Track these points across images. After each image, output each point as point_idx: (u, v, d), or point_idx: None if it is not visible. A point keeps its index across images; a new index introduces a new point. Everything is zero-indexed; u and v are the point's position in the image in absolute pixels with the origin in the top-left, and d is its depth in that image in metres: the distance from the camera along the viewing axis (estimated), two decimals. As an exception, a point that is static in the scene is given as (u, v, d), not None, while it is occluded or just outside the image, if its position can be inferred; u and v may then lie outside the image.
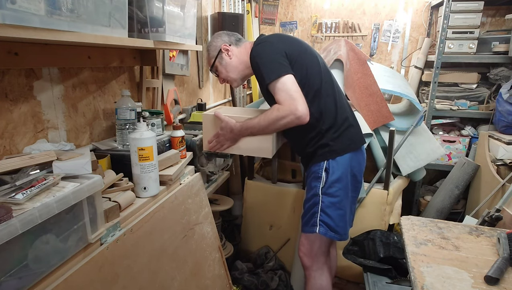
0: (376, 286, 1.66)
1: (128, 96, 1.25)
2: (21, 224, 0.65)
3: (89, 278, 0.84)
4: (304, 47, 1.40)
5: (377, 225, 1.98)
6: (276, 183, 2.20)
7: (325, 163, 1.38)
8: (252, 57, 1.35)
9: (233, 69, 1.47)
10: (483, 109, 2.64)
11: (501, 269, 0.98)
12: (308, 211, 1.42)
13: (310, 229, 1.39)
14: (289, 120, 1.26)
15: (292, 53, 1.32)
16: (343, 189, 1.39)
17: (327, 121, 1.37)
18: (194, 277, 1.32)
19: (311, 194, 1.41)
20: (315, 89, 1.35)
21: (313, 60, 1.39)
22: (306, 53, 1.38)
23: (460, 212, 2.69)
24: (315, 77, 1.36)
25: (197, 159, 1.57)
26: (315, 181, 1.40)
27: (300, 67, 1.32)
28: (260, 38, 1.41)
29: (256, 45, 1.36)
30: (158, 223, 1.14)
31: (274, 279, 1.97)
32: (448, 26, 2.54)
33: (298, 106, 1.23)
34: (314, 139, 1.40)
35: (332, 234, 1.38)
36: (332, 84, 1.42)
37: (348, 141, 1.41)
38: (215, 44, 1.47)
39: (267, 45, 1.33)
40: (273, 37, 1.39)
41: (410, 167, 2.14)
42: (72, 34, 0.82)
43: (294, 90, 1.25)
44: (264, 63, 1.29)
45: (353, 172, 1.41)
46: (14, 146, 0.98)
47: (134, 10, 1.14)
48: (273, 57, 1.29)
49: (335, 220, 1.37)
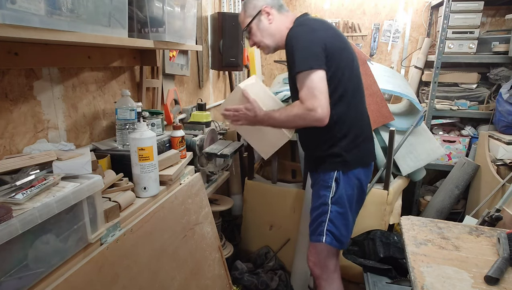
0: (376, 286, 1.66)
1: (128, 96, 1.25)
2: (21, 224, 0.65)
3: (89, 278, 0.84)
4: (345, 43, 1.32)
5: (377, 225, 1.98)
6: (276, 183, 2.19)
7: (335, 173, 1.35)
8: (289, 37, 1.26)
9: (269, 36, 1.37)
10: (483, 109, 2.64)
11: (501, 269, 0.97)
12: (316, 219, 1.39)
13: (317, 238, 1.37)
14: (307, 121, 1.21)
15: (332, 47, 1.23)
16: (350, 201, 1.37)
17: (344, 128, 1.32)
18: (194, 277, 1.32)
19: (320, 202, 1.38)
20: (341, 91, 1.28)
21: (350, 61, 1.32)
22: (345, 51, 1.30)
23: (460, 212, 2.68)
24: (346, 79, 1.29)
25: (197, 159, 1.57)
26: (324, 190, 1.37)
27: (334, 64, 1.24)
28: (303, 18, 1.33)
29: (298, 26, 1.28)
30: (158, 223, 1.14)
31: (274, 279, 1.97)
32: (448, 26, 2.54)
33: (318, 108, 1.17)
34: (327, 144, 1.35)
35: (337, 244, 1.37)
36: (359, 91, 1.37)
37: (361, 156, 1.37)
38: (255, 3, 1.36)
39: (309, 31, 1.24)
40: (317, 23, 1.29)
41: (410, 167, 2.14)
42: (72, 34, 0.81)
43: (319, 89, 1.17)
44: (299, 48, 1.20)
45: (361, 185, 1.39)
46: (14, 146, 0.98)
47: (134, 10, 1.14)
48: (310, 46, 1.20)
49: (341, 230, 1.36)
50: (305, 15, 1.37)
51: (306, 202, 2.04)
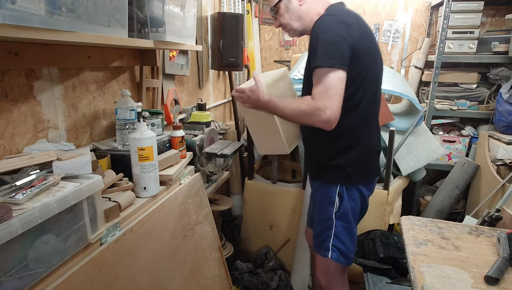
0: (376, 286, 1.66)
1: (128, 96, 1.25)
2: (21, 224, 0.65)
3: (89, 278, 0.84)
4: (375, 47, 1.23)
5: (377, 225, 1.98)
6: (276, 183, 2.19)
7: (338, 188, 1.29)
8: (317, 25, 1.16)
9: (297, 18, 1.26)
10: (483, 109, 2.64)
11: (501, 269, 0.97)
12: (321, 233, 1.35)
13: (324, 253, 1.33)
14: (313, 121, 1.11)
15: (361, 48, 1.14)
16: (355, 214, 1.34)
17: (353, 140, 1.25)
18: (194, 277, 1.32)
19: (325, 217, 1.33)
20: (358, 99, 1.20)
21: (375, 69, 1.23)
22: (374, 57, 1.22)
23: (460, 212, 2.68)
24: (366, 87, 1.20)
25: (197, 159, 1.57)
26: (328, 205, 1.32)
27: (358, 67, 1.15)
28: (337, 8, 1.22)
29: (329, 15, 1.18)
30: (158, 223, 1.14)
31: (274, 279, 1.97)
32: (448, 26, 2.54)
33: (328, 110, 1.06)
34: (331, 152, 1.28)
35: (343, 260, 1.32)
36: (376, 104, 1.29)
37: (367, 172, 1.33)
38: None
39: (340, 24, 1.13)
40: (352, 17, 1.18)
41: (410, 167, 2.14)
42: (72, 34, 0.82)
43: (335, 90, 1.07)
44: (325, 42, 1.10)
45: (364, 198, 1.36)
46: (14, 146, 0.98)
47: (134, 10, 1.14)
48: (338, 42, 1.09)
49: (347, 244, 1.32)
50: (340, 4, 1.25)
51: (306, 202, 2.04)
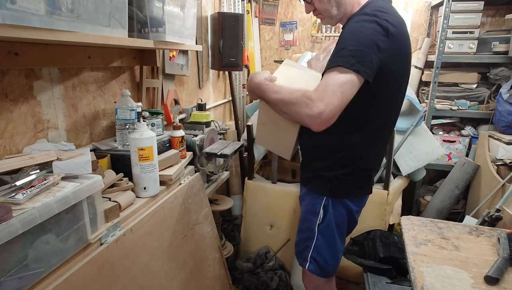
0: (376, 286, 1.66)
1: (128, 96, 1.25)
2: (21, 224, 0.65)
3: (89, 278, 0.84)
4: (407, 64, 1.11)
5: (377, 225, 1.98)
6: (276, 183, 2.20)
7: (324, 200, 1.21)
8: (355, 21, 1.03)
9: (338, 5, 1.11)
10: (483, 109, 2.64)
11: (501, 269, 0.98)
12: (302, 242, 1.31)
13: (302, 263, 1.31)
14: (301, 113, 0.97)
15: (392, 67, 1.02)
16: (340, 228, 1.25)
17: (349, 157, 1.15)
18: (194, 277, 1.32)
19: (306, 226, 1.27)
20: (369, 118, 1.09)
21: (397, 93, 1.11)
22: (401, 75, 1.09)
23: (460, 212, 2.69)
24: (380, 108, 1.09)
25: (197, 159, 1.57)
26: (312, 215, 1.25)
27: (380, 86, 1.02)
28: (382, 5, 1.05)
29: (370, 14, 1.00)
30: (158, 223, 1.14)
31: (274, 279, 1.97)
32: (448, 26, 2.55)
33: (320, 105, 0.93)
34: (324, 162, 1.19)
35: (320, 273, 1.27)
36: (389, 127, 1.18)
37: (356, 189, 1.22)
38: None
39: (381, 29, 0.97)
40: (397, 21, 1.02)
41: (410, 167, 2.14)
42: (72, 34, 0.82)
43: (340, 91, 0.93)
44: (356, 41, 0.97)
45: (352, 215, 1.26)
46: (14, 146, 0.98)
47: (134, 10, 1.14)
48: (371, 47, 0.95)
49: (327, 259, 1.26)
50: (386, 1, 1.09)
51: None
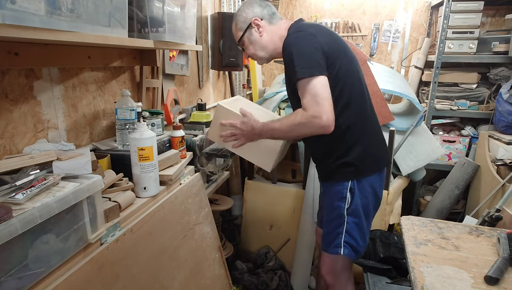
0: (376, 286, 1.66)
1: (128, 96, 1.25)
2: (21, 224, 0.65)
3: (89, 278, 0.84)
4: (344, 46, 1.27)
5: (377, 225, 1.98)
6: (276, 183, 2.20)
7: (349, 183, 1.30)
8: (287, 43, 1.22)
9: (261, 48, 1.34)
10: (483, 109, 2.64)
11: (501, 269, 0.98)
12: (332, 231, 1.35)
13: (334, 250, 1.34)
14: (312, 130, 1.15)
15: (332, 52, 1.19)
16: (366, 210, 1.34)
17: (354, 136, 1.27)
18: (194, 277, 1.32)
19: (336, 214, 1.33)
20: (347, 98, 1.23)
21: (350, 66, 1.26)
22: (346, 55, 1.26)
23: (460, 212, 2.69)
24: (350, 84, 1.24)
25: (197, 159, 1.57)
26: (339, 201, 1.32)
27: (335, 70, 1.20)
28: (300, 24, 1.28)
29: (295, 32, 1.23)
30: (158, 223, 1.14)
31: (274, 279, 1.97)
32: (448, 26, 2.55)
33: (322, 115, 1.11)
34: (337, 153, 1.30)
35: (354, 255, 1.33)
36: (364, 95, 1.31)
37: (374, 162, 1.34)
38: (245, 16, 1.33)
39: (308, 36, 1.19)
40: (315, 28, 1.24)
41: (410, 167, 2.14)
42: (72, 34, 0.81)
43: (322, 95, 1.12)
44: (299, 55, 1.16)
45: (376, 192, 1.36)
46: (14, 146, 0.98)
47: (134, 10, 1.14)
48: (311, 52, 1.16)
49: (358, 241, 1.33)
50: (300, 21, 1.33)
51: (306, 202, 2.04)
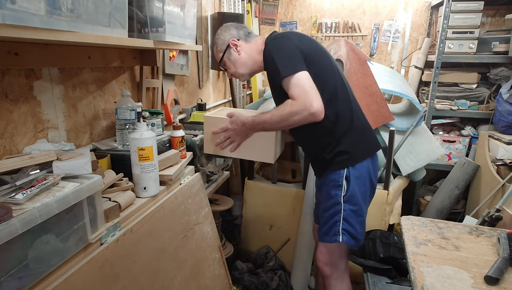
0: (376, 286, 1.66)
1: (128, 96, 1.25)
2: (21, 224, 0.65)
3: (89, 278, 0.84)
4: (319, 47, 1.37)
5: (377, 225, 1.98)
6: (276, 183, 2.19)
7: (345, 171, 1.35)
8: (267, 51, 1.32)
9: (241, 65, 1.43)
10: (483, 109, 2.64)
11: (501, 269, 0.98)
12: (329, 220, 1.37)
13: (332, 239, 1.35)
14: (303, 116, 1.20)
15: (309, 52, 1.29)
16: (363, 196, 1.37)
17: (343, 126, 1.34)
18: (194, 277, 1.32)
19: (332, 202, 1.36)
20: (330, 92, 1.31)
21: (328, 62, 1.36)
22: (322, 54, 1.35)
23: (460, 212, 2.69)
24: (330, 79, 1.33)
25: (197, 159, 1.57)
26: (335, 189, 1.36)
27: (315, 67, 1.28)
28: (274, 34, 1.39)
29: (273, 39, 1.34)
30: (158, 223, 1.14)
31: (274, 279, 1.97)
32: (448, 26, 2.55)
33: (312, 102, 1.18)
34: (331, 145, 1.36)
35: (353, 242, 1.35)
36: (346, 88, 1.38)
37: (366, 147, 1.39)
38: (223, 38, 1.43)
39: (285, 40, 1.30)
40: (290, 33, 1.37)
41: (410, 167, 2.14)
42: (72, 34, 0.81)
43: (309, 85, 1.20)
44: (280, 57, 1.25)
45: (371, 178, 1.40)
46: (14, 146, 0.98)
47: (134, 10, 1.14)
48: (290, 52, 1.26)
49: (356, 227, 1.35)
50: (274, 32, 1.43)
51: (306, 202, 2.04)
